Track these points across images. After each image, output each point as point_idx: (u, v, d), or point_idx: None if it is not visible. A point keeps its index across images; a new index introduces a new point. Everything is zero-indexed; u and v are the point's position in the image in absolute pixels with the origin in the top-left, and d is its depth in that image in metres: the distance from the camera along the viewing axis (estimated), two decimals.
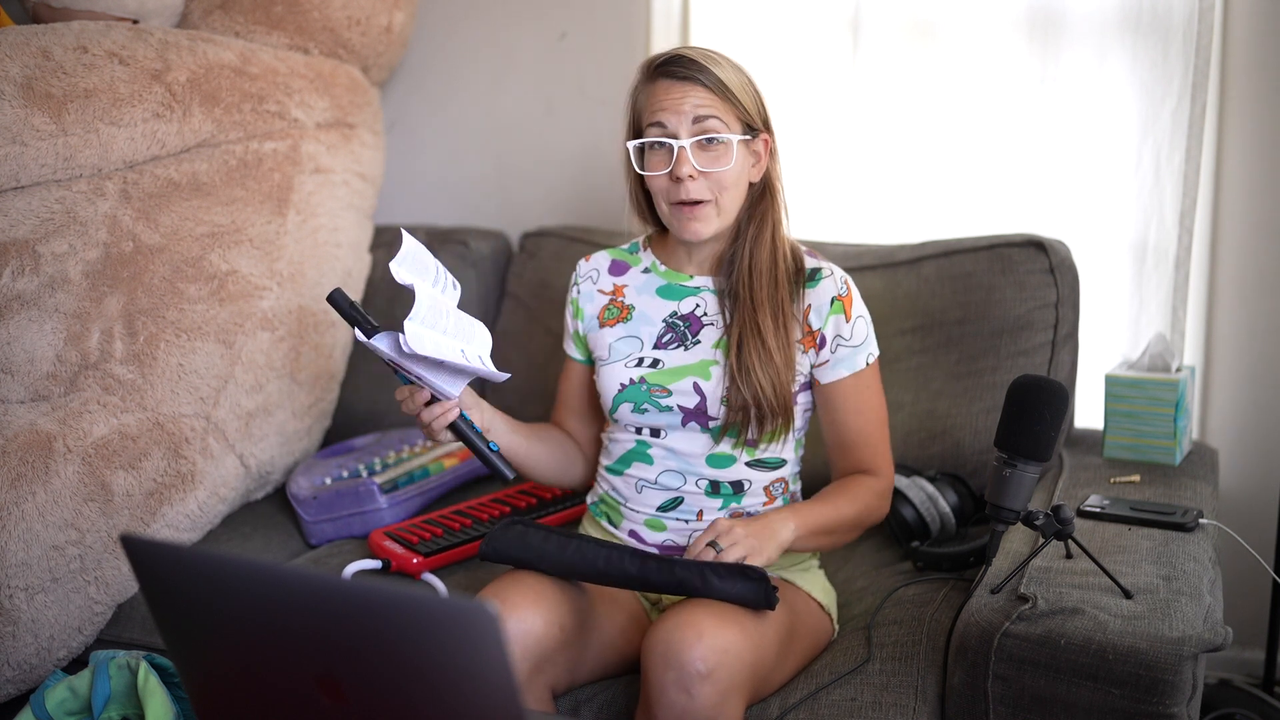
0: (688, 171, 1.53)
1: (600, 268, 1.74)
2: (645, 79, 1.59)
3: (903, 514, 1.83)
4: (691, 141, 1.53)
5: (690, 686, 1.33)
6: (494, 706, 0.92)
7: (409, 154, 2.72)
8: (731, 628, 1.38)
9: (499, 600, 1.43)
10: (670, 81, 1.55)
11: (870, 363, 1.62)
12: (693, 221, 1.56)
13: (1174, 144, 2.06)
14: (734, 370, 1.56)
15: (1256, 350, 2.16)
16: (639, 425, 1.63)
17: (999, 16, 2.17)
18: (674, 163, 1.54)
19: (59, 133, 1.82)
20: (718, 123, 1.54)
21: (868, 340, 1.62)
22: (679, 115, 1.54)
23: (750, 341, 1.56)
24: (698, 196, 1.55)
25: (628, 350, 1.65)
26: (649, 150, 1.57)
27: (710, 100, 1.54)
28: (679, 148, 1.53)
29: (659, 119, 1.55)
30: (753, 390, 1.55)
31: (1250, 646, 2.17)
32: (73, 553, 1.74)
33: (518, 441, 1.68)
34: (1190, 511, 1.64)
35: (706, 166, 1.54)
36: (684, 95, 1.54)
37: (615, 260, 1.74)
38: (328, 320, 2.19)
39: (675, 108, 1.54)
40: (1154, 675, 1.29)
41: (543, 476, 1.75)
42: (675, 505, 1.62)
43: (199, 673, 1.08)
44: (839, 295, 1.60)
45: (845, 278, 1.63)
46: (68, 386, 1.84)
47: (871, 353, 1.63)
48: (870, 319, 1.64)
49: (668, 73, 1.56)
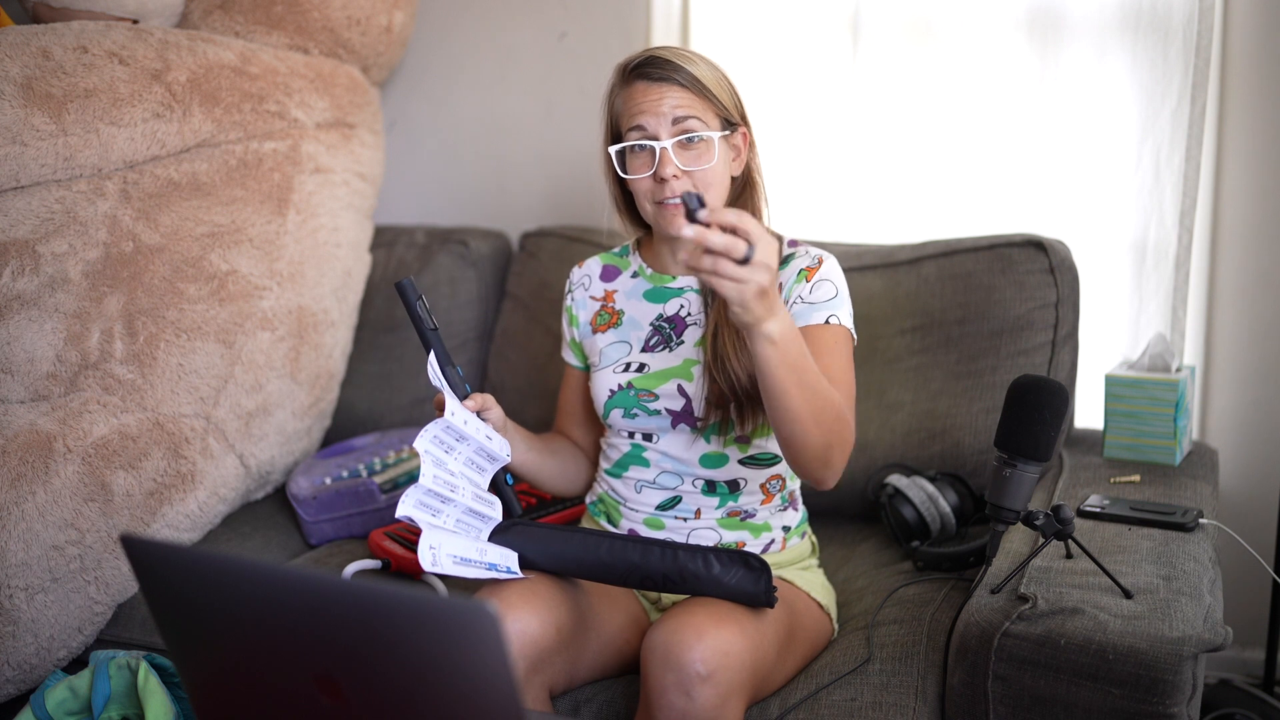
0: (671, 172, 1.53)
1: (592, 274, 1.75)
2: (620, 82, 1.59)
3: (903, 514, 1.83)
4: (673, 142, 1.53)
5: (690, 688, 1.33)
6: (494, 706, 0.92)
7: (409, 154, 2.72)
8: (731, 628, 1.38)
9: (496, 600, 1.42)
10: (646, 83, 1.55)
11: (833, 323, 1.55)
12: (678, 217, 1.56)
13: (1174, 144, 2.06)
14: (709, 361, 1.56)
15: (1256, 350, 2.15)
16: (630, 430, 1.63)
17: (999, 16, 2.17)
18: (657, 164, 1.54)
19: (59, 133, 1.82)
20: (697, 122, 1.54)
21: (832, 303, 1.56)
22: (658, 117, 1.53)
23: (725, 330, 1.55)
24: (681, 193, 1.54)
25: (617, 356, 1.66)
26: (630, 154, 1.57)
27: (688, 99, 1.54)
28: (660, 149, 1.53)
29: (638, 122, 1.54)
30: (728, 380, 1.54)
31: (1250, 646, 2.17)
32: (73, 553, 1.74)
33: (532, 458, 1.68)
34: (1190, 511, 1.64)
35: (689, 165, 1.54)
36: (661, 96, 1.53)
37: (606, 265, 1.75)
38: (328, 320, 2.19)
39: (654, 109, 1.53)
40: (1154, 675, 1.29)
41: (552, 487, 1.75)
42: (674, 504, 1.62)
43: (199, 673, 1.08)
44: (805, 266, 1.59)
45: (820, 255, 1.61)
46: (68, 386, 1.84)
47: (836, 316, 1.56)
48: (846, 295, 1.59)
49: (643, 74, 1.55)
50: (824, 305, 1.57)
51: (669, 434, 1.61)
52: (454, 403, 1.52)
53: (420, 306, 1.56)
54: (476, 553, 1.46)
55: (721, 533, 1.62)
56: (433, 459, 1.49)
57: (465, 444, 1.53)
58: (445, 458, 1.51)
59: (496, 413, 1.60)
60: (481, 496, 1.54)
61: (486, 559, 1.47)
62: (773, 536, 1.64)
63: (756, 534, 1.63)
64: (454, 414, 1.50)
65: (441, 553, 1.43)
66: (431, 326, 1.57)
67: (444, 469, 1.50)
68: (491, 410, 1.59)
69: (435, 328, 1.57)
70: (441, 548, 1.43)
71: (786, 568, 1.65)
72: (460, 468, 1.52)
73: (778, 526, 1.65)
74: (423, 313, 1.57)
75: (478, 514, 1.52)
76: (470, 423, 1.53)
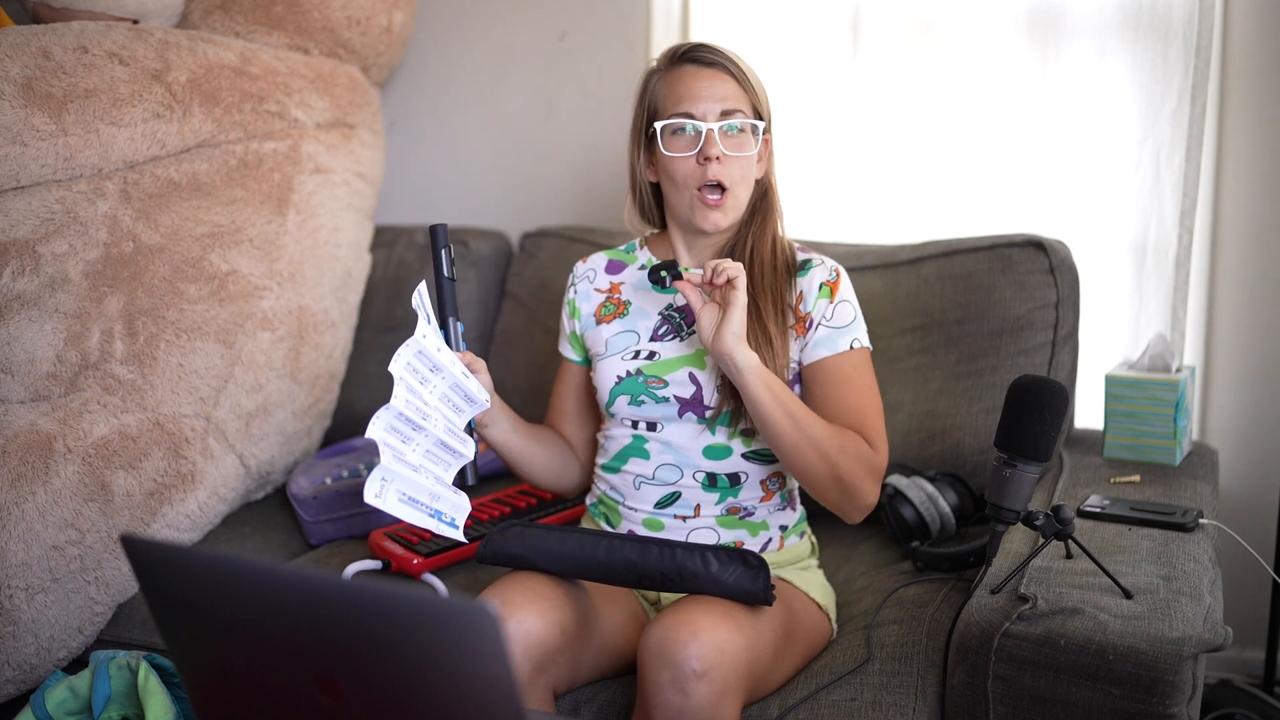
0: (717, 152, 1.55)
1: (597, 267, 1.76)
2: (666, 67, 1.61)
3: (903, 514, 1.83)
4: (719, 125, 1.56)
5: (686, 685, 1.33)
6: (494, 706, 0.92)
7: (409, 154, 2.72)
8: (727, 625, 1.37)
9: (500, 601, 1.42)
10: (697, 68, 1.58)
11: (856, 348, 1.60)
12: (714, 211, 1.58)
13: (1174, 144, 2.06)
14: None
15: (1256, 350, 2.16)
16: (635, 419, 1.63)
17: (999, 16, 2.17)
18: (702, 143, 1.55)
19: (59, 133, 1.82)
20: (742, 115, 1.57)
21: (853, 325, 1.61)
22: (709, 102, 1.56)
23: (749, 326, 1.56)
24: (723, 178, 1.56)
25: (625, 344, 1.66)
26: (671, 135, 1.58)
27: (736, 91, 1.58)
28: (707, 130, 1.55)
29: (686, 108, 1.56)
30: None
31: (1250, 646, 2.17)
32: (73, 553, 1.74)
33: (516, 440, 1.68)
34: (1190, 511, 1.64)
35: (732, 151, 1.57)
36: (712, 82, 1.57)
37: (612, 260, 1.76)
38: (328, 320, 2.19)
39: (706, 94, 1.56)
40: (1154, 675, 1.29)
41: (537, 478, 1.75)
42: (673, 501, 1.62)
43: (199, 673, 1.08)
44: (827, 280, 1.62)
45: (836, 266, 1.65)
46: (68, 386, 1.84)
47: (858, 339, 1.61)
48: (860, 310, 1.64)
49: (694, 59, 1.58)
50: (847, 330, 1.61)
51: (674, 423, 1.61)
52: (426, 326, 1.48)
53: (445, 253, 1.59)
54: (428, 497, 1.43)
55: (720, 532, 1.62)
56: (406, 385, 1.46)
57: (440, 377, 1.50)
58: (420, 388, 1.48)
59: (485, 378, 1.60)
60: (455, 433, 1.51)
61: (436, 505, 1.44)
62: (770, 535, 1.64)
63: (754, 533, 1.63)
64: (425, 337, 1.47)
65: (391, 487, 1.41)
66: (449, 276, 1.59)
67: (418, 397, 1.47)
68: (481, 374, 1.59)
69: (453, 279, 1.60)
70: (392, 482, 1.41)
71: (785, 567, 1.65)
72: (435, 401, 1.50)
73: (775, 525, 1.65)
74: (445, 260, 1.59)
75: (449, 448, 1.49)
76: (444, 352, 1.50)
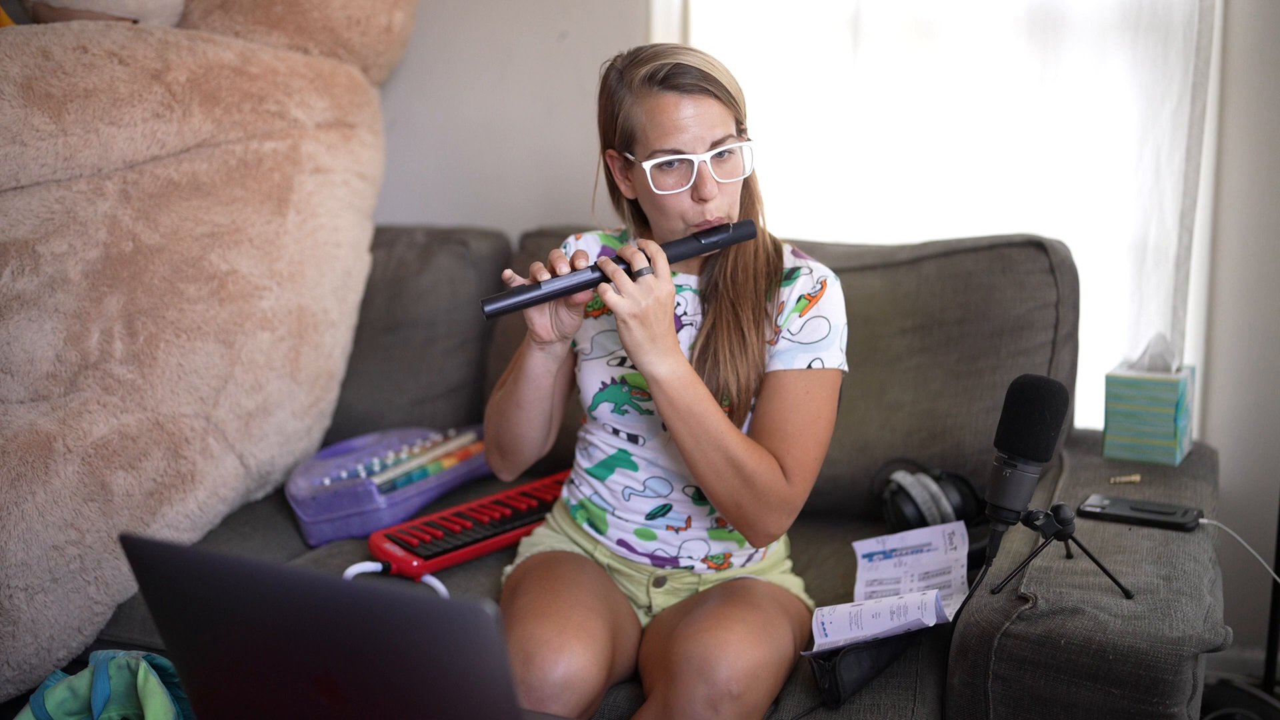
0: (713, 191, 1.44)
1: (590, 251, 1.67)
2: (643, 90, 1.45)
3: (904, 512, 1.82)
4: (711, 155, 1.44)
5: (719, 704, 1.36)
6: (491, 706, 0.92)
7: (409, 154, 2.72)
8: (766, 648, 1.41)
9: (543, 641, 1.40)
10: (679, 95, 1.43)
11: (815, 368, 1.51)
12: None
13: (1174, 144, 2.06)
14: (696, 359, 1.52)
15: (1256, 350, 2.15)
16: (617, 427, 1.61)
17: (999, 16, 2.17)
18: (695, 179, 1.44)
19: (59, 133, 1.82)
20: (731, 138, 1.46)
21: (820, 345, 1.51)
22: (698, 131, 1.43)
23: (724, 332, 1.51)
24: (721, 212, 1.47)
25: (609, 346, 1.61)
26: (657, 171, 1.45)
27: (721, 113, 1.45)
28: (699, 164, 1.43)
29: (673, 144, 1.43)
30: (721, 381, 1.50)
31: (1250, 646, 2.17)
32: (73, 553, 1.74)
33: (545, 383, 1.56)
34: (1190, 511, 1.64)
35: (724, 178, 1.46)
36: (699, 110, 1.43)
37: (605, 246, 1.68)
38: (328, 320, 2.19)
39: (693, 125, 1.43)
40: (1154, 675, 1.29)
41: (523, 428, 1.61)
42: (664, 513, 1.61)
43: (199, 673, 1.08)
44: (806, 293, 1.54)
45: (824, 278, 1.55)
46: (68, 386, 1.84)
47: (821, 360, 1.51)
48: (842, 329, 1.54)
49: (676, 86, 1.43)
50: (810, 347, 1.52)
51: (658, 436, 1.58)
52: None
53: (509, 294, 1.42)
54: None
55: (710, 544, 1.62)
56: None
57: None
58: None
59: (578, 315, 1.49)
60: None
61: None
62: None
63: (742, 544, 1.63)
64: None
65: None
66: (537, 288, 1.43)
67: None
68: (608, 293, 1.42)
69: (538, 283, 1.43)
70: None
71: (769, 572, 1.66)
72: None
73: None
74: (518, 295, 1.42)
75: None
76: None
